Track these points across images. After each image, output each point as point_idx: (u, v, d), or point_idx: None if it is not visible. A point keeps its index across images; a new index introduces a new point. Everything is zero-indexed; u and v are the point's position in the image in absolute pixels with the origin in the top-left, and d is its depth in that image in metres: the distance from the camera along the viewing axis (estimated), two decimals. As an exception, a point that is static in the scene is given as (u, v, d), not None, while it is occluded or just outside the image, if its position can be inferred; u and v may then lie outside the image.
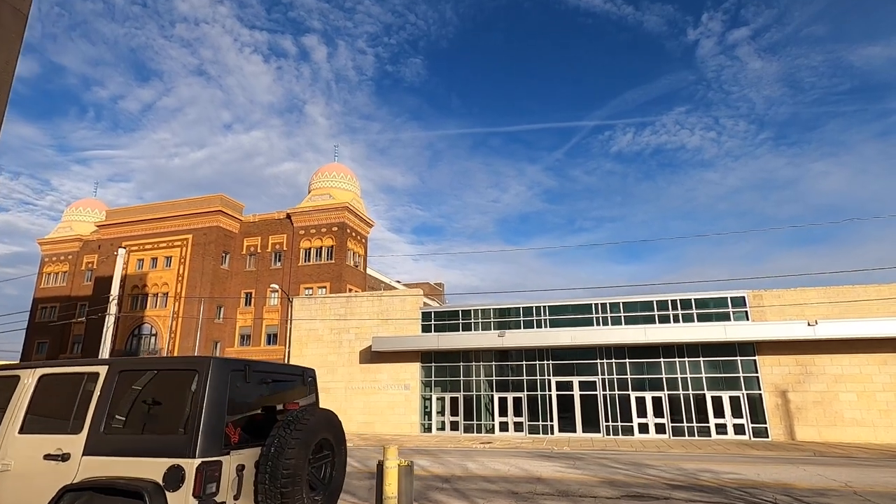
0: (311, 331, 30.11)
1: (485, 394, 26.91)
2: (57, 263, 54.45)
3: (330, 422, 5.52)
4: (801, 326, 22.16)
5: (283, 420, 5.02)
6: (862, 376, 22.14)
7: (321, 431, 5.20)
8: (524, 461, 17.04)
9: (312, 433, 5.00)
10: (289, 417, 5.04)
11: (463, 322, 28.10)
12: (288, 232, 48.30)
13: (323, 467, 5.39)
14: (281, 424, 4.95)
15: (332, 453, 5.53)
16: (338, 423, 5.73)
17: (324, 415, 5.40)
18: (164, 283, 46.82)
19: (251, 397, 5.33)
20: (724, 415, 23.47)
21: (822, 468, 15.35)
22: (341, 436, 5.72)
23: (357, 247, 49.28)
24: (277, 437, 4.80)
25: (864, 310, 22.71)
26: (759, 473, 14.46)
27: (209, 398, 4.64)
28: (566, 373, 25.92)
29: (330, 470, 5.48)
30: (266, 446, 4.80)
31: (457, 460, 17.37)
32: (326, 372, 29.16)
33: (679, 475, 14.27)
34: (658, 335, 24.13)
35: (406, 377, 27.80)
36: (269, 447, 4.76)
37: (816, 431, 22.10)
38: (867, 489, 12.33)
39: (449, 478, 14.04)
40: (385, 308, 29.36)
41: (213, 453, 4.51)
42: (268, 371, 5.67)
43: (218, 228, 47.49)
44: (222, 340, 46.49)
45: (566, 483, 13.10)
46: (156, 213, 49.40)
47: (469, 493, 11.97)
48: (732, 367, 23.82)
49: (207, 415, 4.59)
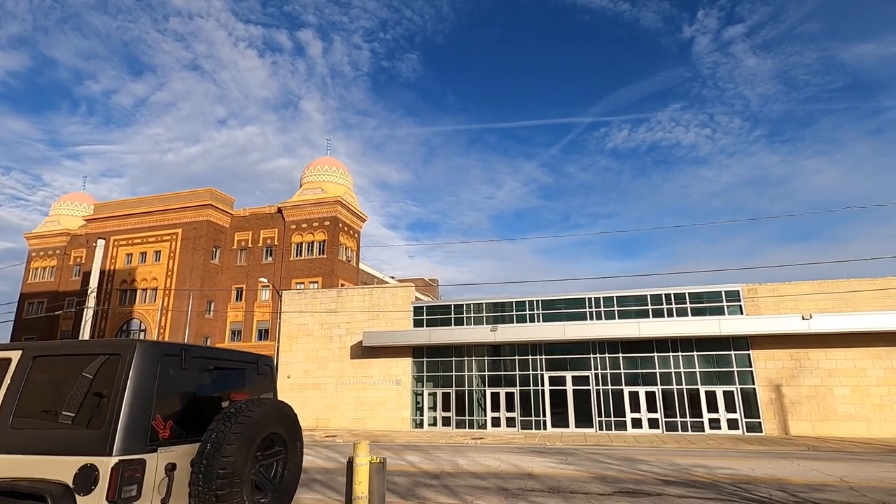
0: (301, 325, 29.70)
1: (477, 389, 26.63)
2: (44, 258, 53.66)
3: (281, 414, 4.98)
4: (795, 320, 21.99)
5: (224, 412, 4.50)
6: (856, 370, 22.01)
7: (269, 425, 4.71)
8: (516, 457, 16.76)
9: (258, 427, 4.50)
10: (230, 409, 4.52)
11: (455, 317, 27.77)
12: (279, 226, 47.77)
13: (273, 466, 4.91)
14: (220, 417, 4.43)
15: (285, 450, 5.02)
16: (291, 415, 5.20)
17: (273, 406, 4.87)
18: (154, 278, 46.20)
19: (189, 387, 4.77)
20: (718, 409, 23.30)
21: (816, 463, 15.17)
22: (296, 430, 5.21)
23: (349, 241, 48.83)
24: (215, 431, 4.29)
25: (859, 304, 22.57)
26: (754, 468, 14.24)
27: (132, 387, 4.11)
28: (559, 367, 25.67)
29: (281, 469, 4.99)
30: (202, 442, 4.28)
31: (447, 456, 17.07)
32: (317, 367, 28.78)
33: (672, 470, 14.03)
34: (651, 329, 23.90)
35: (397, 372, 27.46)
36: (204, 443, 4.25)
37: (810, 426, 21.96)
38: (863, 484, 12.13)
39: (438, 474, 13.73)
40: (376, 302, 28.98)
41: (133, 450, 4.00)
42: (211, 357, 5.15)
43: (208, 223, 46.88)
44: (213, 336, 45.97)
45: (558, 479, 12.82)
46: (145, 206, 48.70)
47: (458, 490, 11.66)
48: (726, 361, 23.64)
49: (129, 406, 4.05)
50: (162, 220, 47.65)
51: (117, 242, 48.61)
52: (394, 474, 13.81)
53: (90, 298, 15.28)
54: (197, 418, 4.65)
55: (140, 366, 4.22)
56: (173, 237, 46.81)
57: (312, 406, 28.28)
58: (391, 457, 17.13)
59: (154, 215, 47.93)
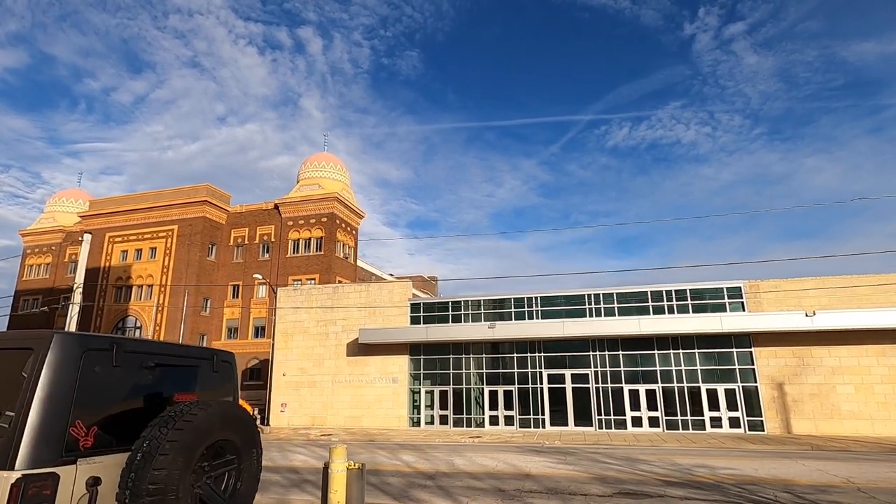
0: (296, 322, 29.31)
1: (475, 387, 26.26)
2: (40, 255, 53.23)
3: (233, 418, 4.40)
4: (798, 317, 21.61)
5: (161, 417, 3.92)
6: (860, 368, 21.65)
7: (216, 431, 4.12)
8: (513, 456, 16.41)
9: (200, 433, 3.90)
10: (169, 413, 3.94)
11: (453, 314, 27.39)
12: (276, 223, 47.35)
13: (224, 478, 4.32)
14: (156, 423, 3.85)
15: (238, 459, 4.42)
16: (245, 419, 4.59)
17: (222, 409, 4.29)
18: (149, 275, 45.79)
19: (122, 387, 4.13)
20: (720, 408, 22.94)
21: (821, 463, 14.83)
22: (251, 436, 4.62)
23: (347, 238, 48.42)
24: (148, 439, 3.71)
25: (863, 300, 22.21)
26: (757, 469, 13.89)
27: (45, 387, 3.51)
28: (558, 365, 25.30)
29: (234, 480, 4.38)
30: (132, 452, 3.71)
31: (443, 455, 16.71)
32: (313, 365, 28.41)
33: (674, 471, 13.67)
34: (652, 326, 23.52)
35: (394, 370, 27.09)
36: (134, 454, 3.68)
37: (813, 424, 21.61)
38: (870, 485, 11.78)
39: (433, 474, 13.37)
40: (373, 299, 28.59)
41: (43, 463, 3.41)
42: (151, 353, 4.52)
43: (204, 219, 46.45)
44: (209, 333, 45.59)
45: (556, 480, 12.47)
46: (140, 203, 48.26)
47: (453, 491, 11.30)
48: (728, 359, 23.27)
49: (39, 410, 3.45)
50: (158, 216, 47.22)
51: (113, 239, 48.19)
52: (388, 474, 13.46)
53: (76, 294, 14.91)
54: (131, 424, 4.00)
55: (56, 362, 3.63)
56: (169, 234, 46.38)
57: (308, 404, 27.92)
58: (386, 456, 16.78)
59: (150, 212, 47.49)
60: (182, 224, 46.20)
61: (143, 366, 4.34)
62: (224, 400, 4.67)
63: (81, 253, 15.02)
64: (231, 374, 5.35)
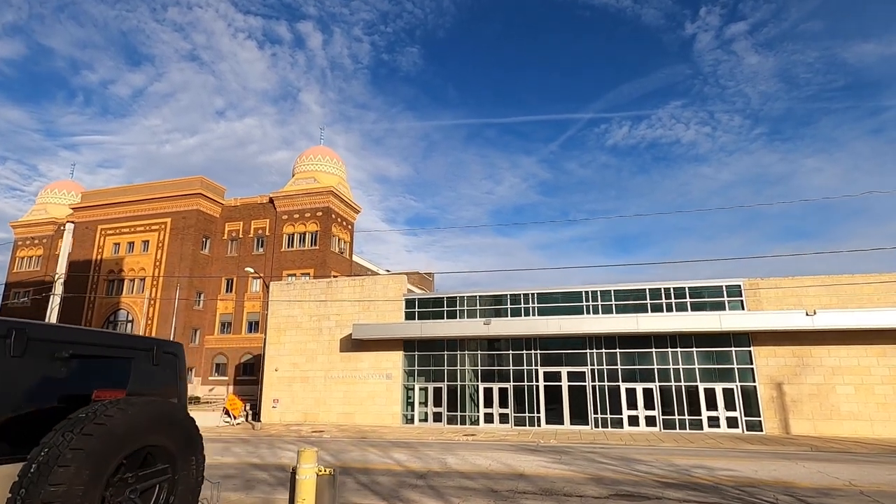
0: (289, 317, 28.85)
1: (470, 384, 25.88)
2: (31, 247, 52.57)
3: (164, 419, 3.70)
4: (799, 316, 21.29)
5: (69, 419, 3.24)
6: (860, 368, 21.35)
7: (141, 435, 3.47)
8: (508, 455, 16.04)
9: (116, 439, 3.24)
10: (79, 415, 3.26)
11: (448, 310, 26.98)
12: (271, 217, 46.81)
13: (153, 492, 3.66)
14: (61, 426, 3.18)
15: (172, 469, 3.77)
16: (183, 420, 3.91)
17: (149, 409, 3.62)
18: (142, 268, 45.21)
19: (24, 381, 3.45)
20: (717, 407, 22.62)
21: (821, 464, 14.50)
22: (190, 441, 3.92)
23: (342, 233, 47.92)
24: (47, 446, 3.06)
25: (864, 300, 21.90)
26: (757, 470, 13.56)
27: None
28: (554, 363, 24.94)
29: (166, 494, 3.73)
30: (26, 462, 3.06)
31: (436, 454, 16.34)
32: (305, 360, 27.98)
33: (671, 471, 13.32)
34: (650, 324, 23.17)
35: (388, 366, 26.68)
36: (28, 464, 3.03)
37: (812, 425, 21.31)
38: (873, 488, 11.45)
39: (425, 473, 12.99)
40: (367, 294, 28.16)
41: None
42: (66, 341, 3.80)
43: (198, 212, 45.86)
44: (202, 328, 45.09)
45: (551, 480, 12.10)
46: (133, 195, 47.62)
47: (444, 492, 10.92)
48: (726, 358, 22.94)
49: None
50: (150, 208, 46.60)
51: (105, 231, 47.58)
52: (378, 473, 13.09)
53: (57, 285, 14.44)
54: (34, 428, 3.30)
55: None
56: (162, 226, 45.79)
57: (300, 400, 27.50)
58: (377, 454, 16.39)
59: (143, 204, 46.87)
60: (175, 217, 45.60)
61: (56, 356, 3.65)
62: (152, 398, 3.91)
63: (64, 242, 14.56)
64: (176, 368, 4.64)
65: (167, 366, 4.53)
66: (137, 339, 4.49)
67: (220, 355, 44.75)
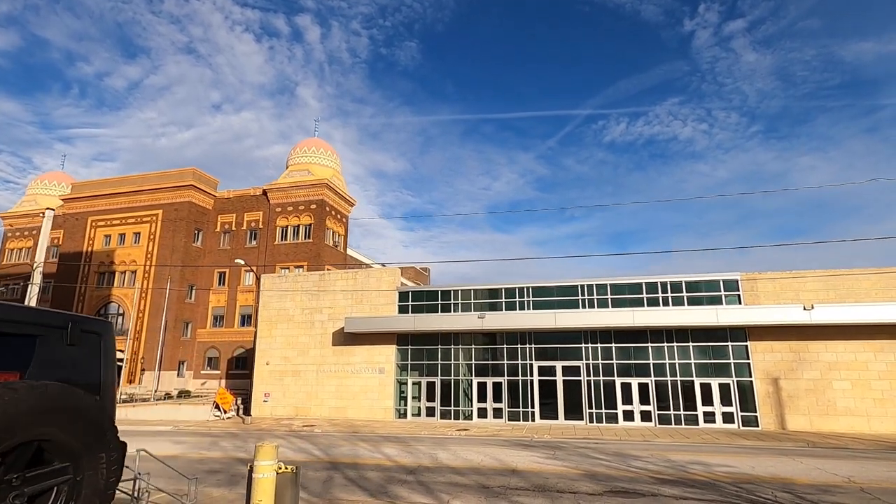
0: (281, 310, 28.44)
1: (463, 378, 25.57)
2: (20, 239, 51.90)
3: (61, 409, 3.11)
4: (796, 311, 21.03)
5: None
6: (857, 364, 21.14)
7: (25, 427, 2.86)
8: (501, 450, 15.75)
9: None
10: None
11: (442, 303, 26.62)
12: (264, 209, 46.30)
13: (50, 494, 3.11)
14: None
15: (74, 467, 3.19)
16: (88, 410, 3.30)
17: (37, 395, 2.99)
18: (133, 261, 44.65)
19: None
20: (713, 402, 22.39)
21: (819, 461, 14.28)
22: (98, 435, 3.31)
23: (337, 226, 47.45)
24: None
25: (862, 295, 21.67)
26: (754, 466, 13.31)
27: None
28: (549, 357, 24.65)
29: (66, 498, 3.18)
30: None
31: (427, 449, 16.03)
32: (297, 354, 27.60)
33: (667, 467, 13.05)
34: (646, 318, 22.88)
35: (381, 360, 26.33)
36: None
37: (808, 420, 21.11)
38: (873, 485, 11.22)
39: (415, 469, 12.67)
40: (360, 287, 27.76)
41: None
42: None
43: (190, 204, 45.30)
44: (194, 321, 44.62)
45: (544, 476, 11.80)
46: (125, 186, 46.99)
47: (434, 488, 10.60)
48: (723, 352, 22.70)
49: None
50: (142, 200, 46.00)
51: (95, 223, 46.96)
52: (367, 468, 12.77)
53: (35, 274, 13.99)
54: None
55: None
56: (153, 218, 45.21)
57: (292, 394, 27.13)
58: (368, 449, 16.07)
59: (134, 195, 46.25)
60: (167, 209, 45.03)
61: None
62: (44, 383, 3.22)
63: (43, 230, 14.10)
64: (99, 349, 3.93)
65: (88, 347, 3.87)
66: (46, 313, 3.84)
67: (212, 349, 44.33)
